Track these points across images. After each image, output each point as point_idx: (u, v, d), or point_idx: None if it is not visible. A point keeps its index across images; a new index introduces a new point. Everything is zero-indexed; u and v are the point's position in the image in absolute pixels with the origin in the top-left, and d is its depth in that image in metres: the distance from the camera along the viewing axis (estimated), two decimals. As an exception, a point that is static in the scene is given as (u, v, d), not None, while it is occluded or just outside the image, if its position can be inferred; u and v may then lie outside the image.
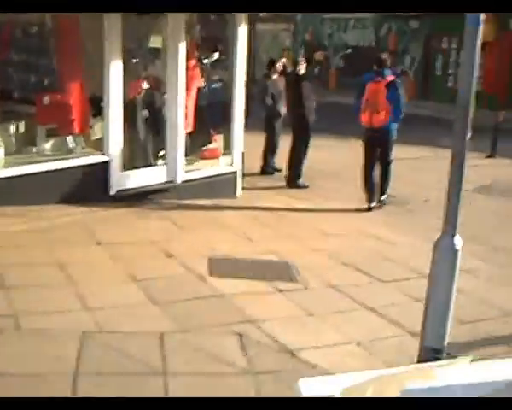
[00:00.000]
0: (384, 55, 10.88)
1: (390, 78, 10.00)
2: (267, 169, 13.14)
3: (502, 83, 30.46)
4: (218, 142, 11.24)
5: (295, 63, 12.22)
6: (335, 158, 15.04)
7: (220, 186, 10.12)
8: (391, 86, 9.87)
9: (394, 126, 10.09)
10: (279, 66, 13.08)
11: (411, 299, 6.52)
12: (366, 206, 10.24)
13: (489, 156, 16.95)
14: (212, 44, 11.95)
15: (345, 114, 14.55)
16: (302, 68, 12.03)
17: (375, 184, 10.36)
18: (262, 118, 13.09)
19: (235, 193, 10.38)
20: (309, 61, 12.57)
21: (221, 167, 10.35)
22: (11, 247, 7.20)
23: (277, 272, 7.15)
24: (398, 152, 11.00)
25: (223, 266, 7.12)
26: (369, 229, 9.10)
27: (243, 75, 10.43)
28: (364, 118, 10.02)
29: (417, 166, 14.97)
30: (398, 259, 7.86)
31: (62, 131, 9.36)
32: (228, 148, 10.77)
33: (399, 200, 11.06)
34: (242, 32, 10.16)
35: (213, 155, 10.75)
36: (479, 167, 15.07)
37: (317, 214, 9.99)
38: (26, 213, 8.24)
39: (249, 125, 11.33)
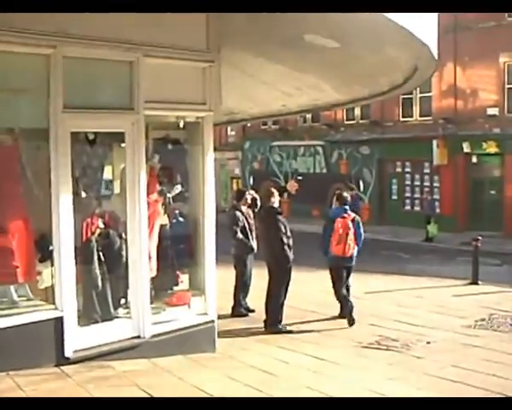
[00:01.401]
0: (346, 194, 11.99)
1: (352, 213, 11.43)
2: (239, 310, 11.76)
3: (459, 205, 30.25)
4: (184, 283, 9.83)
5: (269, 194, 10.96)
6: (312, 293, 13.77)
7: (195, 339, 8.57)
8: (355, 221, 11.35)
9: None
10: (248, 197, 11.91)
11: None
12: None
13: (471, 283, 15.67)
14: (172, 175, 10.75)
15: (303, 243, 14.06)
16: (276, 201, 10.85)
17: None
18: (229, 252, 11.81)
19: (213, 346, 8.82)
20: (281, 192, 11.38)
21: (195, 317, 8.80)
22: None
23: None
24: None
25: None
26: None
27: (214, 208, 9.14)
28: (338, 249, 11.20)
29: (397, 300, 13.66)
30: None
31: (3, 281, 7.72)
32: (196, 288, 9.34)
33: (398, 342, 9.74)
34: (211, 159, 8.93)
35: (182, 301, 9.23)
36: (469, 297, 14.00)
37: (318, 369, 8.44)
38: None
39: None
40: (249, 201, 11.92)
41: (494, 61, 28.39)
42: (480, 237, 16.79)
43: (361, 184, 34.74)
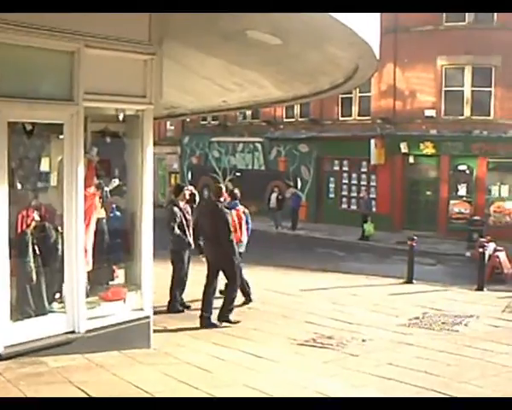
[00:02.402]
0: (236, 190, 13.11)
1: (242, 207, 12.73)
2: (175, 306, 11.68)
3: (396, 204, 30.69)
4: (119, 278, 9.68)
5: (219, 191, 11.07)
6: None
7: (130, 335, 8.44)
8: (245, 213, 12.76)
9: None
10: (187, 192, 11.83)
11: None
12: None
13: (407, 282, 15.91)
14: (110, 169, 10.60)
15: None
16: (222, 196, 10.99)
17: None
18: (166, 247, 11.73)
19: (148, 342, 8.71)
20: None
21: (130, 312, 8.67)
22: None
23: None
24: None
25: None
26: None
27: (151, 202, 9.03)
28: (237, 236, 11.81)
29: (333, 298, 13.75)
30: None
31: None
32: (132, 283, 9.22)
33: (333, 340, 9.80)
34: (150, 153, 8.82)
35: (118, 296, 9.08)
36: (403, 296, 14.20)
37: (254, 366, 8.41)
38: None
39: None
40: (187, 196, 11.85)
41: (432, 64, 28.91)
42: (415, 237, 17.08)
43: (299, 181, 34.94)
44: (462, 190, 29.44)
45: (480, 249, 16.17)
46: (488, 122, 28.58)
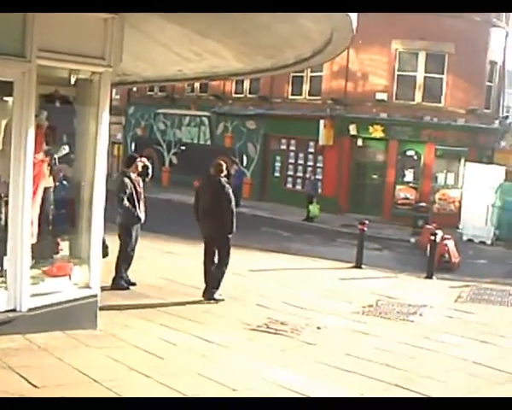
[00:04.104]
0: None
1: None
2: (120, 283, 11.10)
3: (342, 187, 30.52)
4: (64, 251, 9.11)
5: (220, 167, 10.97)
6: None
7: (76, 314, 7.85)
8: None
9: None
10: (139, 164, 11.25)
11: None
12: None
13: (356, 267, 15.66)
14: (59, 135, 9.97)
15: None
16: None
17: None
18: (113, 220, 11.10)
19: (95, 323, 8.13)
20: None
21: (76, 290, 8.08)
22: None
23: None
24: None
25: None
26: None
27: (105, 172, 8.42)
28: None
29: (283, 280, 13.39)
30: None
31: None
32: (77, 257, 8.67)
33: (287, 326, 9.40)
34: (106, 121, 8.20)
35: (63, 272, 8.48)
36: (354, 281, 13.94)
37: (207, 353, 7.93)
38: None
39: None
40: (140, 168, 11.26)
41: (386, 47, 28.69)
42: (366, 221, 16.86)
43: (244, 158, 34.46)
44: (409, 176, 29.46)
45: (432, 237, 15.99)
46: (439, 109, 28.62)
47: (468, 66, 28.33)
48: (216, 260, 10.84)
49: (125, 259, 11.18)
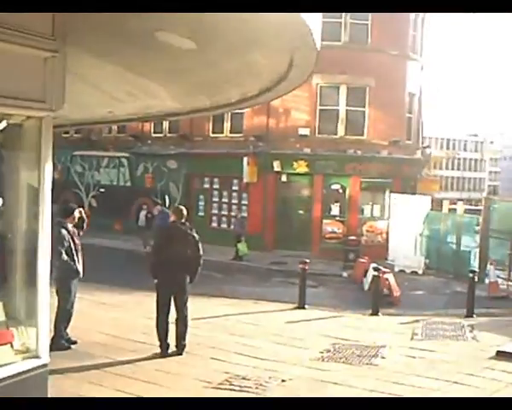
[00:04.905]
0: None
1: None
2: (60, 343, 10.18)
3: (268, 223, 30.08)
4: (-1, 314, 8.23)
5: (181, 212, 10.51)
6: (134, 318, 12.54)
7: (24, 390, 6.93)
8: None
9: None
10: (77, 214, 10.45)
11: None
12: None
13: (299, 307, 15.14)
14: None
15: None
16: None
17: None
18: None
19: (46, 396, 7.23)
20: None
21: (23, 363, 7.15)
22: None
23: None
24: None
25: None
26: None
27: (49, 222, 7.57)
28: None
29: (229, 327, 12.74)
30: None
31: None
32: (13, 318, 7.78)
33: (250, 381, 8.74)
34: (50, 169, 7.41)
35: (4, 340, 7.56)
36: (302, 324, 13.41)
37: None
38: None
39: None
40: (77, 219, 10.46)
41: (307, 82, 28.48)
42: (307, 260, 16.41)
43: (167, 199, 33.70)
44: (335, 210, 29.35)
45: (375, 273, 15.66)
46: (362, 142, 28.74)
47: (389, 98, 28.68)
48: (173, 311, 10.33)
49: (64, 316, 10.31)
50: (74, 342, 10.47)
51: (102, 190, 36.75)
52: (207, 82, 9.98)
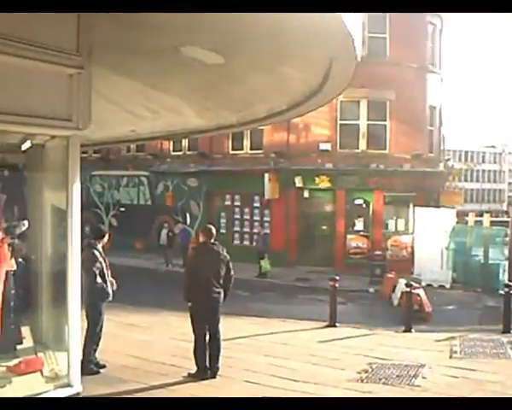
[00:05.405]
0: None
1: None
2: (89, 367, 9.81)
3: (291, 240, 29.73)
4: (26, 339, 8.06)
5: (211, 231, 10.26)
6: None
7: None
8: None
9: None
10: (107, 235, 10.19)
11: None
12: None
13: (330, 325, 14.77)
14: (12, 208, 8.94)
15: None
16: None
17: None
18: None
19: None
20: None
21: (54, 392, 6.87)
22: None
23: None
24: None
25: None
26: None
27: (79, 239, 7.26)
28: None
29: (261, 348, 12.34)
30: None
31: None
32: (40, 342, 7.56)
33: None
34: (78, 189, 7.13)
35: (33, 367, 7.33)
36: (335, 343, 13.02)
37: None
38: None
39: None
40: (106, 239, 10.17)
41: (327, 97, 28.31)
42: (337, 277, 16.03)
43: (188, 217, 33.48)
44: (359, 225, 29.00)
45: (407, 289, 15.24)
46: (384, 156, 28.37)
47: (410, 111, 28.37)
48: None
49: (93, 340, 10.00)
50: (103, 366, 10.15)
51: (122, 209, 36.62)
52: (233, 97, 9.71)
